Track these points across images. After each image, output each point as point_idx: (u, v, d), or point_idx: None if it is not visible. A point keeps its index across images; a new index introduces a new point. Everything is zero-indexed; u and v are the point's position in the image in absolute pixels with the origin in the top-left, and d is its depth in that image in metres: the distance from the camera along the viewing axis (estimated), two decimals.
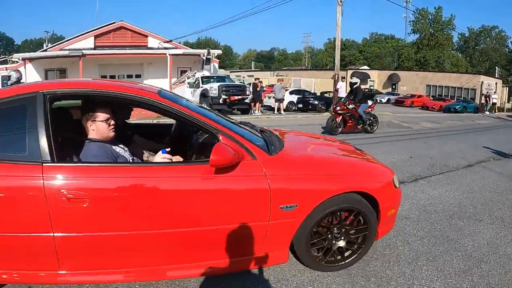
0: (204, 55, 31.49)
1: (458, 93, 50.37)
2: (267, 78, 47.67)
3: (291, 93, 30.43)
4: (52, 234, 2.82)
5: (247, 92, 22.86)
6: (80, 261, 3.04)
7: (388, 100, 45.82)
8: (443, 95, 50.12)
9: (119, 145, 3.44)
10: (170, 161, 3.37)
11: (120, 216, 2.97)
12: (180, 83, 28.98)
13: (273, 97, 24.46)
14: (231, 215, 3.19)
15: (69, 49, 30.64)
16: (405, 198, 6.19)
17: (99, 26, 34.43)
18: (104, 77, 29.53)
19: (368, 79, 58.75)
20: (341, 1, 23.56)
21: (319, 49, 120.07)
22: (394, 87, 57.05)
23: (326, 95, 32.54)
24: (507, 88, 55.46)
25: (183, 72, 33.04)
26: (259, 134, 3.91)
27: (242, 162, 3.11)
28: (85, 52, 29.06)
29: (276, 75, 52.19)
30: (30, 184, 2.79)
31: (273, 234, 3.34)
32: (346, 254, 3.83)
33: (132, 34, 34.70)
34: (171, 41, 35.51)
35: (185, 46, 40.13)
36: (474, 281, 3.90)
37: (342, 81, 23.89)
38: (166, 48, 33.28)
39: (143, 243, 3.11)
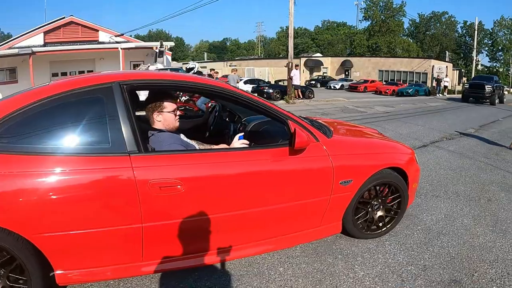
0: (157, 47, 30.89)
1: (410, 77, 52.48)
2: (220, 68, 47.54)
3: (246, 82, 30.51)
4: (141, 224, 2.89)
5: None
6: (163, 249, 3.14)
7: (342, 86, 46.68)
8: (395, 79, 51.84)
9: (180, 134, 3.53)
10: (248, 145, 3.56)
11: (212, 200, 3.12)
12: None
13: None
14: (303, 192, 3.58)
15: (18, 47, 28.89)
16: None
17: (48, 22, 32.93)
18: (55, 74, 28.61)
19: (321, 66, 59.68)
20: None
21: (272, 38, 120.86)
22: (347, 73, 58.26)
23: (281, 83, 32.87)
24: (457, 71, 58.51)
25: (135, 66, 32.24)
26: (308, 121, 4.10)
27: (310, 144, 3.44)
28: (34, 49, 27.49)
29: (229, 66, 51.98)
30: (120, 176, 2.81)
31: (332, 207, 3.80)
32: (386, 220, 4.42)
33: (82, 29, 33.49)
34: (122, 34, 34.52)
35: (137, 40, 39.36)
36: (435, 251, 4.23)
37: (296, 69, 24.19)
38: (117, 42, 32.24)
39: (231, 224, 3.31)
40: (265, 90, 26.85)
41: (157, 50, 30.48)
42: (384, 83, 48.51)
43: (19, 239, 2.62)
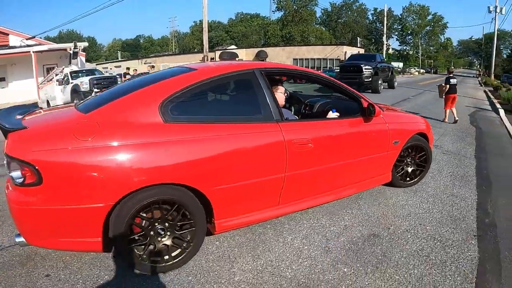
0: (70, 48, 29.56)
1: (324, 64, 55.07)
2: (135, 67, 46.66)
3: None
4: (284, 174, 3.95)
5: (119, 83, 22.58)
6: (293, 194, 4.21)
7: None
8: (309, 67, 53.85)
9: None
10: (338, 117, 4.84)
11: (328, 153, 4.39)
12: (48, 81, 26.84)
13: None
14: (372, 148, 4.95)
15: None
16: None
17: None
18: None
19: (237, 58, 60.23)
20: None
21: (186, 33, 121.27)
22: None
23: None
24: None
25: (49, 69, 30.48)
26: None
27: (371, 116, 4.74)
28: None
29: (144, 63, 51.18)
30: (275, 137, 3.86)
31: (387, 161, 5.26)
32: (416, 173, 5.95)
33: None
34: (34, 37, 32.55)
35: (49, 42, 37.37)
36: (353, 213, 4.99)
37: (211, 62, 24.51)
38: (29, 46, 30.20)
39: (335, 173, 4.57)
40: None
41: (71, 52, 29.01)
42: None
43: (193, 193, 3.49)
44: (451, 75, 13.51)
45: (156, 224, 3.46)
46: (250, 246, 4.08)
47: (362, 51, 58.64)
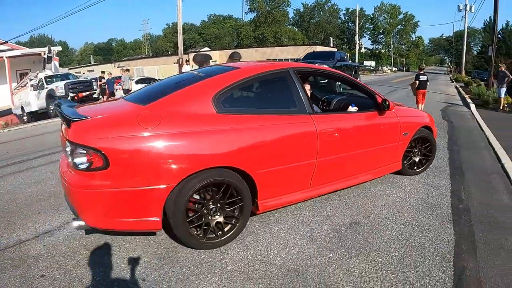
0: (45, 53, 28.99)
1: None
2: (109, 70, 46.11)
3: (137, 82, 29.88)
4: (315, 159, 4.55)
5: (94, 87, 22.51)
6: (321, 178, 4.78)
7: None
8: None
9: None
10: (357, 111, 5.54)
11: (350, 142, 4.98)
12: (22, 87, 26.27)
13: (121, 89, 24.05)
14: (386, 138, 5.57)
15: None
16: None
17: None
18: None
19: (210, 60, 60.08)
20: None
21: (159, 35, 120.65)
22: None
23: None
24: None
25: (22, 75, 29.85)
26: None
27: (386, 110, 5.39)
28: None
29: (118, 67, 50.80)
30: (308, 127, 4.45)
31: (398, 151, 5.87)
32: (423, 162, 6.51)
33: None
34: (6, 42, 31.85)
35: (21, 47, 36.57)
36: (335, 204, 5.22)
37: (187, 64, 24.49)
38: (2, 51, 29.63)
39: (356, 160, 5.17)
40: None
41: (45, 56, 28.45)
42: None
43: (242, 176, 4.00)
44: (422, 72, 14.48)
45: (210, 203, 3.93)
46: (239, 237, 4.23)
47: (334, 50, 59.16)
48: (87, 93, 21.90)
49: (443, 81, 43.14)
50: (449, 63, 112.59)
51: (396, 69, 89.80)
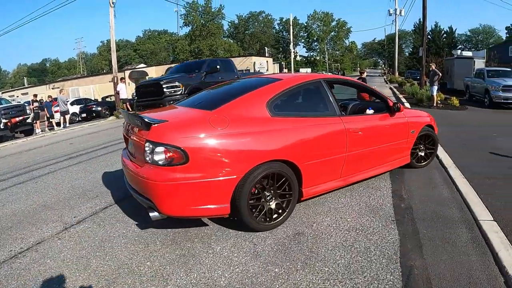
0: None
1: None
2: (43, 92, 44.32)
3: (72, 103, 29.07)
4: (345, 154, 5.33)
5: (28, 111, 21.39)
6: (349, 169, 5.53)
7: None
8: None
9: None
10: (373, 113, 6.38)
11: (371, 139, 5.80)
12: None
13: (59, 111, 23.04)
14: (397, 136, 6.35)
15: None
16: None
17: None
18: None
19: (147, 77, 59.25)
20: (113, 3, 23.50)
21: (94, 54, 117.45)
22: None
23: (108, 99, 32.08)
24: (278, 64, 64.76)
25: None
26: None
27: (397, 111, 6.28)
28: None
29: (52, 88, 49.02)
30: (339, 127, 5.27)
31: (406, 146, 6.65)
32: (428, 156, 7.31)
33: None
34: None
35: None
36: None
37: (122, 82, 24.01)
38: None
39: (376, 154, 5.97)
40: (94, 109, 26.10)
41: None
42: None
43: (291, 167, 4.74)
44: (363, 76, 15.61)
45: (266, 191, 4.65)
46: (181, 261, 4.06)
47: (270, 60, 60.34)
48: (21, 118, 20.79)
49: (378, 83, 44.79)
50: (383, 66, 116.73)
51: (332, 74, 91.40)
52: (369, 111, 6.44)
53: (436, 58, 39.43)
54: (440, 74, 18.67)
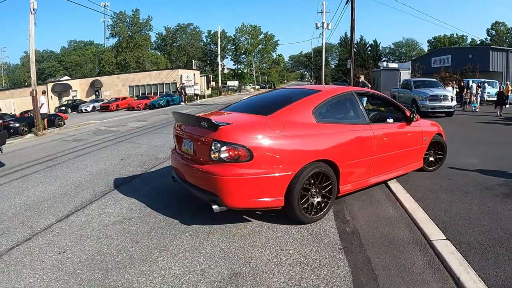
0: None
1: (161, 89, 55.12)
2: None
3: None
4: (373, 156, 5.95)
5: None
6: (377, 170, 6.14)
7: (94, 108, 45.26)
8: (146, 93, 53.44)
9: None
10: (393, 122, 6.84)
11: (392, 145, 6.41)
12: None
13: None
14: (412, 142, 6.97)
15: None
16: (123, 200, 6.52)
17: None
18: None
19: (70, 90, 56.78)
20: (34, 9, 21.71)
21: (17, 65, 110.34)
22: (97, 93, 56.91)
23: (27, 114, 29.82)
24: (205, 77, 63.81)
25: None
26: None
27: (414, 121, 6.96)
28: None
29: None
30: (369, 133, 5.91)
31: (421, 152, 7.30)
32: (438, 161, 7.97)
33: None
34: None
35: None
36: (208, 252, 4.36)
37: (43, 95, 22.33)
38: None
39: (396, 158, 6.56)
40: (11, 125, 23.97)
41: None
42: (136, 98, 49.07)
43: (332, 166, 5.31)
44: (360, 80, 17.17)
45: (312, 188, 5.16)
46: None
47: (197, 73, 59.86)
48: None
49: None
50: (309, 77, 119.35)
51: (259, 86, 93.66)
52: (390, 120, 6.98)
53: (362, 70, 40.59)
54: (370, 85, 18.83)
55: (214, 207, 4.68)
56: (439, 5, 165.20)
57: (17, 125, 22.87)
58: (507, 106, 23.10)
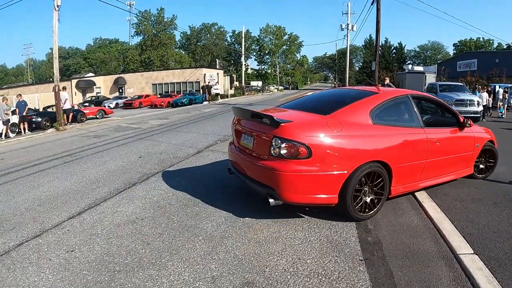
0: None
1: (184, 88, 54.94)
2: None
3: (13, 113, 26.97)
4: (425, 160, 5.95)
5: None
6: (428, 174, 6.15)
7: (117, 104, 45.55)
8: (169, 91, 53.43)
9: None
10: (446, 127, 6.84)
11: (445, 149, 6.37)
12: None
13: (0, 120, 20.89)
14: (465, 148, 6.89)
15: None
16: (137, 199, 6.36)
17: None
18: None
19: (94, 86, 57.35)
20: (58, 6, 21.88)
21: (42, 61, 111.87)
22: (121, 90, 57.26)
23: (50, 109, 30.07)
24: (229, 76, 63.86)
25: None
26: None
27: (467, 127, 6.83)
28: None
29: None
30: (423, 137, 5.92)
31: (471, 158, 7.15)
32: (488, 168, 7.76)
33: None
34: None
35: None
36: (221, 259, 4.12)
37: (64, 91, 22.43)
38: None
39: (447, 163, 6.50)
40: (34, 120, 24.20)
41: None
42: (159, 96, 49.49)
43: (386, 167, 5.38)
44: (386, 82, 16.74)
45: (365, 187, 5.27)
46: None
47: (221, 72, 59.77)
48: None
49: None
50: (333, 79, 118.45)
51: (283, 87, 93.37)
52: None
53: (387, 73, 39.99)
54: (395, 88, 18.48)
55: (271, 200, 4.86)
56: (465, 7, 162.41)
57: (39, 119, 23.03)
58: None
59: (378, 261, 4.04)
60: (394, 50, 77.80)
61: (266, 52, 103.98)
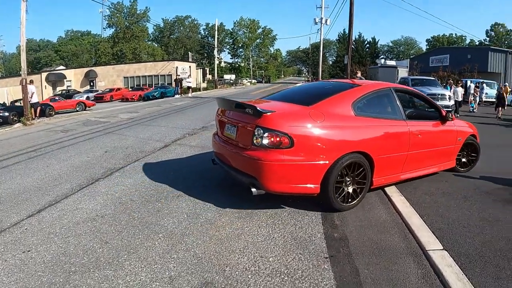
0: None
1: (156, 81, 54.71)
2: None
3: None
4: (407, 152, 6.14)
5: None
6: (409, 166, 6.32)
7: (88, 98, 44.60)
8: (141, 84, 53.01)
9: None
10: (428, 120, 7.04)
11: (425, 141, 6.50)
12: None
13: None
14: (446, 141, 7.09)
15: None
16: (99, 195, 6.22)
17: None
18: None
19: (65, 80, 56.28)
20: None
21: (13, 54, 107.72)
22: (92, 84, 56.35)
23: (18, 103, 29.28)
24: (201, 70, 63.69)
25: None
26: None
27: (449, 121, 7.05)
28: None
29: None
30: (405, 129, 6.09)
31: (454, 151, 7.37)
32: (470, 162, 7.94)
33: None
34: None
35: None
36: (180, 257, 4.02)
37: (30, 84, 21.86)
38: None
39: (429, 156, 6.71)
40: (1, 114, 23.47)
41: None
42: (130, 89, 49.01)
43: (367, 158, 5.54)
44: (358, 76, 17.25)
45: (347, 177, 5.39)
46: None
47: (193, 65, 59.49)
48: None
49: None
50: (307, 73, 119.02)
51: (256, 81, 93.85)
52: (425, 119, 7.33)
53: (360, 67, 40.33)
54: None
55: (253, 190, 4.98)
56: (439, 3, 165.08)
57: (7, 114, 22.33)
58: (506, 108, 22.94)
59: (343, 259, 3.99)
60: (368, 45, 78.66)
61: (240, 45, 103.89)
